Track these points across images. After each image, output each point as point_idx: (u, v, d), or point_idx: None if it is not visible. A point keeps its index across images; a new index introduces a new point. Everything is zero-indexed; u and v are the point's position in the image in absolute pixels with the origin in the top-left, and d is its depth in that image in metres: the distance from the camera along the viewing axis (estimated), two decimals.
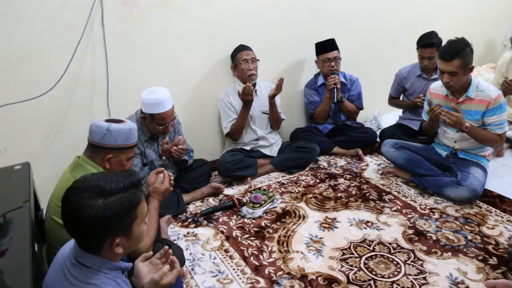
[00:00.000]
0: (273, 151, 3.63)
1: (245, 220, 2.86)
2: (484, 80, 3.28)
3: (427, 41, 3.52)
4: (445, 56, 2.78)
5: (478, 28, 4.77)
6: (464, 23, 4.80)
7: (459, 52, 2.73)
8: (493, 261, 2.34)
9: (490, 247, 2.46)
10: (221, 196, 3.20)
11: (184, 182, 3.14)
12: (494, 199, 2.97)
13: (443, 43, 2.94)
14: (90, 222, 1.25)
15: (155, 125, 2.77)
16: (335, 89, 3.65)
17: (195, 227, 2.82)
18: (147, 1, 3.06)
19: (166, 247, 1.62)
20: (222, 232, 2.73)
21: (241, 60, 3.40)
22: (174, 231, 2.77)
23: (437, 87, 3.09)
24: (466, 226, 2.67)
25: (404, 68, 3.86)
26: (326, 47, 3.74)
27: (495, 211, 2.84)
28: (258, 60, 3.46)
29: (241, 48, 3.45)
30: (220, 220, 2.87)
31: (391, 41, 4.49)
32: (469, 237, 2.56)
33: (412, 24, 4.38)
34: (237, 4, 3.46)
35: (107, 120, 1.99)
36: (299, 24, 3.84)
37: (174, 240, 2.65)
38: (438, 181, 3.02)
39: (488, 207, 2.89)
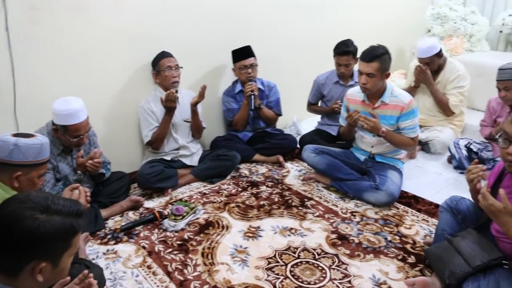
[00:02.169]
0: (193, 161, 3.57)
1: (168, 233, 2.77)
2: (396, 85, 3.42)
3: (344, 49, 3.63)
4: (366, 57, 2.89)
5: (389, 37, 4.96)
6: (376, 32, 4.98)
7: (379, 56, 2.86)
8: (411, 259, 2.44)
9: (408, 246, 2.56)
10: (141, 210, 3.07)
11: (102, 197, 2.99)
12: (409, 200, 3.10)
13: (359, 51, 3.05)
14: (26, 234, 1.18)
15: (68, 137, 2.61)
16: (252, 96, 3.65)
17: (115, 243, 2.68)
18: (58, 5, 2.89)
19: (86, 271, 1.53)
20: (143, 247, 2.63)
21: (164, 67, 3.32)
22: (93, 249, 2.62)
23: (353, 93, 3.18)
24: (385, 228, 2.77)
25: (322, 75, 3.95)
26: (242, 54, 3.73)
27: (411, 211, 2.96)
28: (181, 67, 3.39)
29: (164, 55, 3.36)
30: (141, 235, 2.76)
31: (308, 49, 4.57)
32: (389, 238, 2.65)
33: (327, 33, 4.50)
34: (154, 10, 3.37)
35: (15, 135, 1.86)
36: (217, 31, 3.81)
37: (93, 259, 2.51)
38: (357, 185, 3.10)
39: (404, 207, 3.01)
